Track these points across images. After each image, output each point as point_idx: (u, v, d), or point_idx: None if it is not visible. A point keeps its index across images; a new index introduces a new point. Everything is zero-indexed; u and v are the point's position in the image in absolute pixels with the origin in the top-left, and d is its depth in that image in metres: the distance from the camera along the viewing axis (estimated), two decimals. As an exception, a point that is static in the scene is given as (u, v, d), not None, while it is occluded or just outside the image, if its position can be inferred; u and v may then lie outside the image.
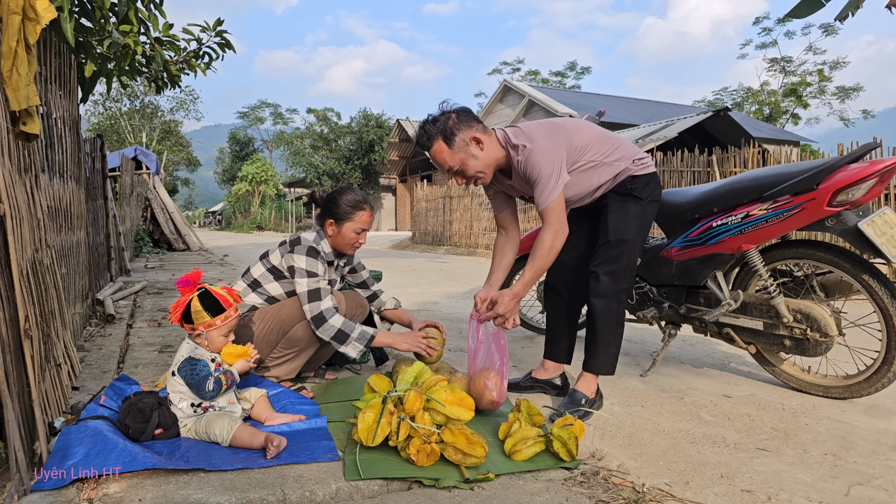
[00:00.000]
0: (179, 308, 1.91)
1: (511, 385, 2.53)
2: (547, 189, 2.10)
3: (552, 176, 2.10)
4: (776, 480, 1.72)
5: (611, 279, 2.22)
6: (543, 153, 2.11)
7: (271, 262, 2.47)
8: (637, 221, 2.25)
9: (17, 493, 1.45)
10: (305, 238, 2.45)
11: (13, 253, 1.62)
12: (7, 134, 1.72)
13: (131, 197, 10.67)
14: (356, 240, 2.49)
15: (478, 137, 2.14)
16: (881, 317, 2.31)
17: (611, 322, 2.25)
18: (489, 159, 2.18)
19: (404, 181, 30.47)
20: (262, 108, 51.20)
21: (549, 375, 2.55)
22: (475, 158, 2.15)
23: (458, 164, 2.16)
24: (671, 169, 10.13)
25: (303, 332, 2.39)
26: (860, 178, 2.20)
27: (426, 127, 2.17)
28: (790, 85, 31.27)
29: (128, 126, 34.92)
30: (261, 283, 2.47)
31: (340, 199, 2.47)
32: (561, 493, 1.62)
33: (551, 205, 2.10)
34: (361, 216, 2.47)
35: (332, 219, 2.48)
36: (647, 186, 2.27)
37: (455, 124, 2.13)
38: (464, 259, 11.87)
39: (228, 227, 42.53)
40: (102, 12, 3.33)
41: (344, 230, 2.46)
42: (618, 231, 2.23)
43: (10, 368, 1.51)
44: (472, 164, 2.16)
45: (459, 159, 2.15)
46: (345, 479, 1.62)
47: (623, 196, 2.26)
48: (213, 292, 1.95)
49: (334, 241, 2.51)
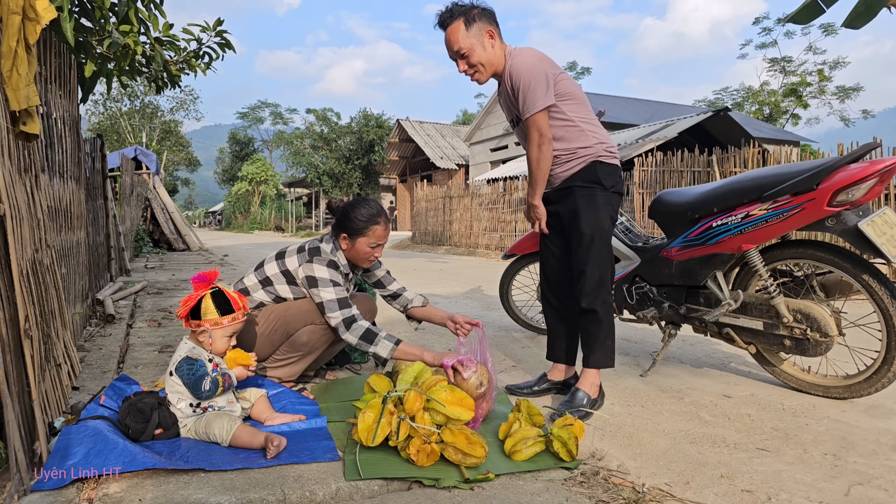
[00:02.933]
0: (191, 302, 1.93)
1: (526, 388, 2.54)
2: (532, 96, 2.18)
3: (539, 86, 2.18)
4: (776, 480, 1.72)
5: (597, 272, 2.27)
6: (533, 63, 2.21)
7: (286, 265, 2.43)
8: (606, 211, 2.31)
9: (17, 493, 1.45)
10: (324, 249, 2.42)
11: (13, 253, 1.62)
12: (7, 134, 1.72)
13: (131, 197, 10.67)
14: (371, 254, 2.43)
15: (493, 32, 2.26)
16: (881, 317, 2.31)
17: (604, 314, 2.28)
18: (493, 57, 2.28)
19: (404, 181, 30.47)
20: (261, 108, 51.19)
21: (562, 377, 2.57)
22: (483, 48, 2.25)
23: (468, 48, 2.24)
24: (671, 169, 10.13)
25: (307, 338, 2.38)
26: (860, 178, 2.20)
27: (452, 7, 2.27)
28: (790, 85, 31.27)
29: (128, 126, 34.91)
30: (273, 282, 2.45)
31: (353, 214, 2.40)
32: (561, 493, 1.62)
33: (535, 116, 2.19)
34: (375, 230, 2.39)
35: (345, 233, 2.43)
36: (612, 175, 2.33)
37: (479, 14, 2.26)
38: (464, 259, 11.87)
39: (228, 227, 42.54)
40: (102, 12, 3.33)
41: (358, 245, 2.41)
42: (590, 224, 2.28)
43: (10, 368, 1.51)
44: (478, 53, 2.25)
45: (469, 44, 2.24)
46: (345, 479, 1.62)
47: (589, 186, 2.29)
48: (226, 293, 1.98)
49: (348, 255, 2.47)
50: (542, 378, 2.57)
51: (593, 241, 2.27)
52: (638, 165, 10.15)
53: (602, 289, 2.28)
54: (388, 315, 4.39)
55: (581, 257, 2.29)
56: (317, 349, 2.43)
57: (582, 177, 2.30)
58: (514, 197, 12.33)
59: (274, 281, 2.45)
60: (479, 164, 24.16)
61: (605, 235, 2.29)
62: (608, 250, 2.32)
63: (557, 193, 2.40)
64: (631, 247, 3.07)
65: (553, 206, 2.43)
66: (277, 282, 2.45)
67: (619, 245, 3.10)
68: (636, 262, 3.01)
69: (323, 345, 2.44)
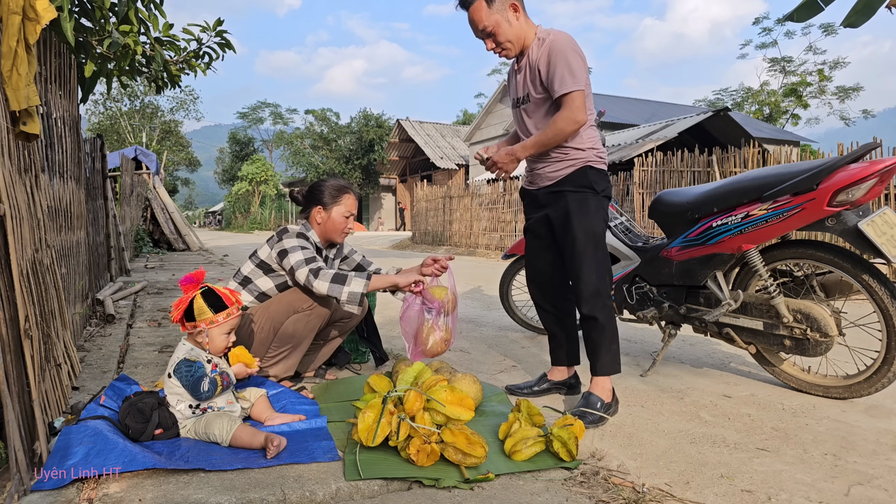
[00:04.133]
0: (182, 305, 1.92)
1: (526, 388, 2.53)
2: (571, 75, 2.12)
3: (582, 68, 2.15)
4: (776, 480, 1.72)
5: (593, 277, 2.24)
6: (575, 47, 2.17)
7: (260, 257, 2.48)
8: (599, 215, 2.28)
9: (17, 493, 1.45)
10: (292, 228, 2.48)
11: (13, 253, 1.62)
12: (7, 134, 1.72)
13: (131, 197, 10.67)
14: (345, 224, 2.53)
15: (516, 5, 2.21)
16: (881, 317, 2.31)
17: (606, 319, 2.26)
18: (520, 31, 2.23)
19: (404, 181, 30.48)
20: (261, 108, 51.18)
21: (562, 377, 2.56)
22: (509, 24, 2.21)
23: (493, 25, 2.20)
24: (671, 169, 10.13)
25: (293, 328, 2.38)
26: (860, 178, 2.20)
27: None
28: (790, 85, 31.27)
29: (128, 126, 34.91)
30: (251, 279, 2.47)
31: (324, 186, 2.54)
32: (561, 493, 1.62)
33: (574, 94, 2.12)
34: (347, 199, 2.53)
35: (319, 205, 2.51)
36: (603, 180, 2.30)
37: None
38: (464, 259, 11.86)
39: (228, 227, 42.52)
40: (102, 12, 3.33)
41: (333, 215, 2.50)
42: (583, 229, 2.25)
43: (10, 368, 1.51)
44: (504, 29, 2.21)
45: (495, 21, 2.20)
46: (345, 479, 1.62)
47: (580, 190, 2.26)
48: (216, 290, 1.96)
49: (323, 228, 2.52)
50: (543, 378, 2.57)
51: (587, 246, 2.24)
52: (638, 165, 10.15)
53: (600, 294, 2.25)
54: (388, 315, 4.39)
55: (575, 263, 2.26)
56: (305, 337, 2.43)
57: (573, 181, 2.26)
58: (514, 197, 12.32)
59: (252, 277, 2.47)
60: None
61: (598, 240, 2.26)
62: (603, 254, 2.29)
63: (547, 196, 2.36)
64: (631, 247, 3.07)
65: (542, 210, 2.40)
66: (255, 277, 2.47)
67: (619, 245, 3.10)
68: (636, 262, 3.01)
69: (311, 331, 2.42)
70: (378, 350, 2.94)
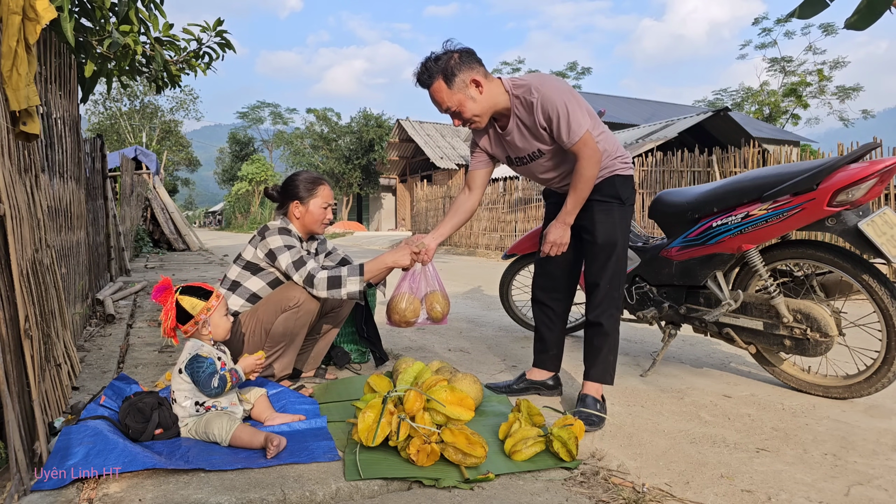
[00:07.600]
0: (171, 312, 1.90)
1: (504, 387, 2.54)
2: (574, 121, 2.06)
3: (578, 109, 2.07)
4: (776, 480, 1.72)
5: (609, 286, 2.24)
6: (560, 88, 2.09)
7: (245, 258, 2.48)
8: (622, 225, 2.26)
9: (17, 493, 1.45)
10: (272, 224, 2.49)
11: (13, 253, 1.62)
12: (7, 134, 1.72)
13: (131, 197, 10.67)
14: (324, 215, 2.55)
15: (478, 80, 2.11)
16: (881, 317, 2.31)
17: (610, 328, 2.26)
18: (487, 104, 2.15)
19: (404, 181, 30.47)
20: (261, 108, 51.16)
21: (542, 377, 2.55)
22: (473, 101, 2.12)
23: (456, 104, 2.12)
24: (671, 169, 10.13)
25: (283, 327, 2.37)
26: (860, 178, 2.20)
27: (427, 64, 2.13)
28: (790, 85, 31.26)
29: (128, 126, 34.89)
30: (240, 282, 2.46)
31: (298, 180, 2.54)
32: (561, 493, 1.62)
33: (584, 137, 2.07)
34: (323, 190, 2.55)
35: (296, 199, 2.52)
36: (628, 188, 2.29)
37: (456, 64, 2.09)
38: (464, 259, 11.86)
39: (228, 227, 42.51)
40: (102, 12, 3.34)
41: (311, 207, 2.51)
42: (606, 237, 2.24)
43: (10, 368, 1.51)
44: (469, 107, 2.13)
45: (458, 100, 2.12)
46: (345, 479, 1.62)
47: (606, 199, 2.25)
48: (190, 285, 1.99)
49: (303, 221, 2.54)
50: (521, 377, 2.57)
51: (610, 256, 2.24)
52: (638, 165, 10.15)
53: (611, 304, 2.25)
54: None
55: (596, 270, 2.26)
56: (297, 334, 2.42)
57: (600, 191, 2.24)
58: (513, 197, 12.32)
59: (241, 280, 2.47)
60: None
61: (621, 251, 2.26)
62: (623, 265, 2.28)
63: None
64: (631, 247, 3.07)
65: None
66: (244, 279, 2.46)
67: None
68: (636, 262, 3.01)
69: (301, 327, 2.41)
70: (378, 350, 2.94)
